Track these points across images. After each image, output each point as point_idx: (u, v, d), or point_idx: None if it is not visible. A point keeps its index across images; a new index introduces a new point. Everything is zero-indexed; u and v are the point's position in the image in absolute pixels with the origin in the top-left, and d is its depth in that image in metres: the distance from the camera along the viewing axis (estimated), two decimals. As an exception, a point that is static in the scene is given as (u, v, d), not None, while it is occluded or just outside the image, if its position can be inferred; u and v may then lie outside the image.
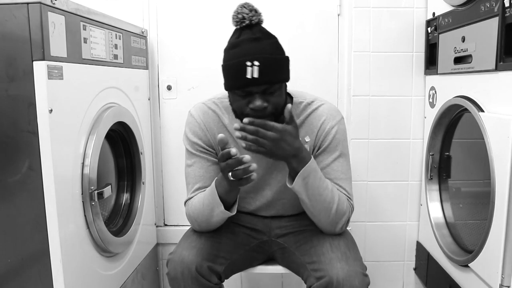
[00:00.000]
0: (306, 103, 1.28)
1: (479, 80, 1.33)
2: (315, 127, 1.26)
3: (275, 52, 1.13)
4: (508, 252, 1.17)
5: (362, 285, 1.11)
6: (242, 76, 1.07)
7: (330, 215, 1.20)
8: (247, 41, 1.10)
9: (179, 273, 1.16)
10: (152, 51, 1.87)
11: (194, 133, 1.29)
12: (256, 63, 1.06)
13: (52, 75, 1.07)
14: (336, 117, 1.27)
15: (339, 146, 1.25)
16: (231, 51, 1.12)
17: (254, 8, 1.13)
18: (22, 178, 1.09)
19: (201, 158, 1.28)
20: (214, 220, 1.22)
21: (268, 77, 1.09)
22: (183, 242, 1.24)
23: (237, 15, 1.12)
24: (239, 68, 1.08)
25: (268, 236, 1.38)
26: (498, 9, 1.20)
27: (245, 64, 1.07)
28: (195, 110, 1.31)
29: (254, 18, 1.12)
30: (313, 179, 1.14)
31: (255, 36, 1.11)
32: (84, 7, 1.24)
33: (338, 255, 1.16)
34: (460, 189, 1.70)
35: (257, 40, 1.10)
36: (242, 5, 1.14)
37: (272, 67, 1.09)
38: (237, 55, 1.10)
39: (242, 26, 1.13)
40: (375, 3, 1.81)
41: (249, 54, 1.08)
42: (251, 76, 1.06)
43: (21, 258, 1.12)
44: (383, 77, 1.85)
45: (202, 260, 1.17)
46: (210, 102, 1.31)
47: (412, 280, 1.97)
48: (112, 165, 1.61)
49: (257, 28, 1.13)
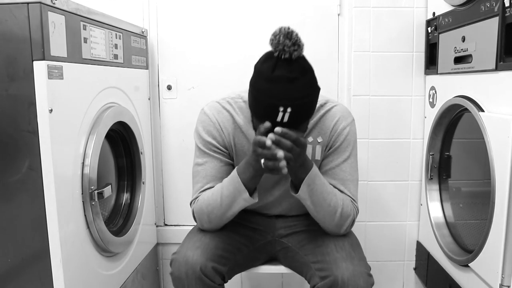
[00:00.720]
0: (319, 105, 1.26)
1: (479, 80, 1.33)
2: (327, 127, 1.25)
3: (309, 93, 1.06)
4: (508, 252, 1.16)
5: (367, 285, 1.12)
6: (272, 117, 1.03)
7: (335, 219, 1.20)
8: (283, 80, 1.02)
9: (183, 273, 1.16)
10: (152, 51, 1.87)
11: (208, 132, 1.26)
12: (289, 110, 1.01)
13: (52, 75, 1.07)
14: (348, 118, 1.27)
15: (349, 147, 1.25)
16: (265, 85, 1.04)
17: (298, 41, 1.04)
18: (22, 178, 1.09)
19: (214, 158, 1.26)
20: (232, 211, 1.20)
21: (298, 122, 1.05)
22: (187, 242, 1.23)
23: (278, 45, 1.03)
24: (271, 110, 1.03)
25: (272, 236, 1.38)
26: (498, 9, 1.20)
27: (278, 109, 1.01)
28: (209, 109, 1.27)
29: (296, 53, 1.03)
30: (317, 185, 1.15)
31: (292, 75, 1.02)
32: (84, 7, 1.24)
33: (343, 255, 1.17)
34: (460, 189, 1.70)
35: (293, 82, 1.02)
36: (285, 34, 1.03)
37: (303, 111, 1.05)
38: (270, 94, 1.03)
39: (280, 57, 1.04)
40: (375, 3, 1.81)
41: (283, 98, 1.01)
42: (281, 120, 1.02)
43: (21, 258, 1.12)
44: (383, 77, 1.85)
45: (207, 260, 1.17)
46: (224, 102, 1.28)
47: (412, 280, 1.97)
48: (112, 165, 1.61)
49: (296, 64, 1.04)
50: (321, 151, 1.27)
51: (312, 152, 1.27)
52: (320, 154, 1.27)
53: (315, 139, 1.26)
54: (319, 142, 1.26)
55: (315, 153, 1.27)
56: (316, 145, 1.26)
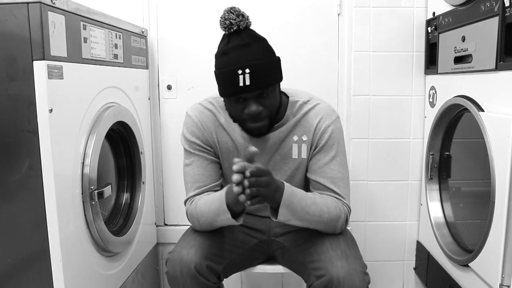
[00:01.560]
0: (302, 102, 1.28)
1: (479, 79, 1.33)
2: (311, 126, 1.26)
3: (265, 56, 1.14)
4: (508, 251, 1.16)
5: (363, 283, 1.12)
6: (234, 84, 1.10)
7: (325, 224, 1.21)
8: (236, 47, 1.11)
9: (178, 272, 1.16)
10: (152, 51, 1.87)
11: (191, 133, 1.29)
12: (247, 70, 1.08)
13: (52, 74, 1.07)
14: (332, 116, 1.27)
15: (335, 145, 1.26)
16: (222, 59, 1.13)
17: (241, 12, 1.13)
18: (22, 178, 1.09)
19: (199, 156, 1.29)
20: (218, 224, 1.22)
21: (260, 83, 1.11)
22: (182, 241, 1.24)
23: (225, 21, 1.13)
24: (231, 77, 1.10)
25: (268, 236, 1.38)
26: (498, 8, 1.20)
27: (237, 72, 1.09)
28: (191, 111, 1.32)
29: (242, 23, 1.12)
30: (295, 203, 1.15)
31: (244, 42, 1.11)
32: (84, 7, 1.24)
33: (338, 253, 1.16)
34: (460, 188, 1.70)
35: (246, 46, 1.11)
36: (229, 10, 1.13)
37: (263, 72, 1.11)
38: (227, 63, 1.11)
39: (230, 32, 1.13)
40: (375, 3, 1.81)
41: (240, 62, 1.09)
42: (243, 84, 1.09)
43: (21, 257, 1.12)
44: (383, 76, 1.85)
45: (201, 259, 1.18)
46: (206, 102, 1.32)
47: (412, 279, 1.97)
48: (112, 165, 1.61)
49: (245, 33, 1.13)
50: (306, 150, 1.27)
51: (298, 151, 1.27)
52: (306, 153, 1.28)
53: (300, 137, 1.27)
54: (304, 141, 1.27)
55: (300, 152, 1.27)
56: (301, 143, 1.27)
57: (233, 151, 1.29)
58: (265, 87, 1.13)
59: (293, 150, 1.27)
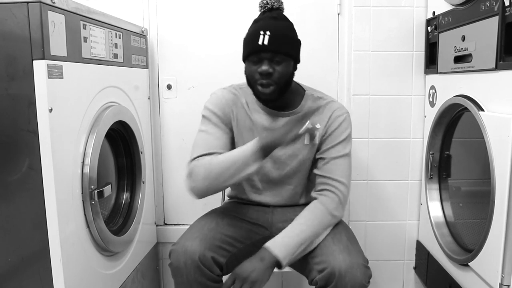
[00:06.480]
0: (317, 96, 1.37)
1: (479, 79, 1.33)
2: (326, 116, 1.34)
3: (288, 30, 1.27)
4: (508, 251, 1.17)
5: (364, 276, 1.13)
6: (255, 42, 1.22)
7: (324, 229, 1.25)
8: (266, 18, 1.26)
9: (182, 262, 1.17)
10: (152, 50, 1.87)
11: (214, 104, 1.35)
12: (268, 32, 1.21)
13: (52, 74, 1.07)
14: (344, 110, 1.36)
15: (344, 134, 1.32)
16: (251, 27, 1.28)
17: None
18: (22, 177, 1.09)
19: (217, 127, 1.32)
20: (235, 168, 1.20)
21: (276, 45, 1.21)
22: (185, 234, 1.26)
23: (263, 1, 1.30)
24: (253, 37, 1.23)
25: (270, 231, 1.39)
26: (498, 8, 1.20)
27: (259, 32, 1.22)
28: (218, 91, 1.40)
29: (276, 3, 1.29)
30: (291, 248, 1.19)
31: (273, 16, 1.27)
32: (84, 6, 1.24)
33: (340, 247, 1.18)
34: (460, 188, 1.70)
35: (274, 19, 1.26)
36: None
37: (281, 39, 1.22)
38: (254, 27, 1.26)
39: (264, 10, 1.29)
40: (375, 2, 1.81)
41: (264, 26, 1.23)
42: (262, 43, 1.20)
43: (21, 257, 1.12)
44: (383, 76, 1.85)
45: (205, 249, 1.19)
46: (231, 88, 1.41)
47: (412, 279, 1.97)
48: (112, 164, 1.61)
49: (276, 11, 1.29)
50: (319, 136, 1.34)
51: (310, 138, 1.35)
52: (318, 139, 1.34)
53: (313, 125, 1.32)
54: (317, 129, 1.34)
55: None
56: (315, 131, 1.34)
57: (248, 130, 1.35)
58: (280, 51, 1.22)
59: (305, 136, 1.33)
